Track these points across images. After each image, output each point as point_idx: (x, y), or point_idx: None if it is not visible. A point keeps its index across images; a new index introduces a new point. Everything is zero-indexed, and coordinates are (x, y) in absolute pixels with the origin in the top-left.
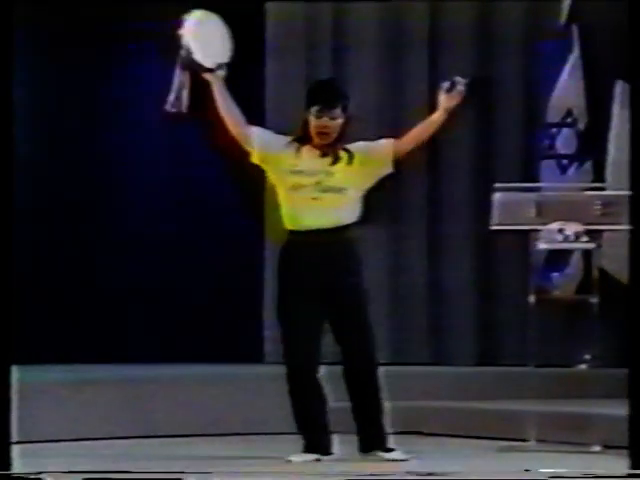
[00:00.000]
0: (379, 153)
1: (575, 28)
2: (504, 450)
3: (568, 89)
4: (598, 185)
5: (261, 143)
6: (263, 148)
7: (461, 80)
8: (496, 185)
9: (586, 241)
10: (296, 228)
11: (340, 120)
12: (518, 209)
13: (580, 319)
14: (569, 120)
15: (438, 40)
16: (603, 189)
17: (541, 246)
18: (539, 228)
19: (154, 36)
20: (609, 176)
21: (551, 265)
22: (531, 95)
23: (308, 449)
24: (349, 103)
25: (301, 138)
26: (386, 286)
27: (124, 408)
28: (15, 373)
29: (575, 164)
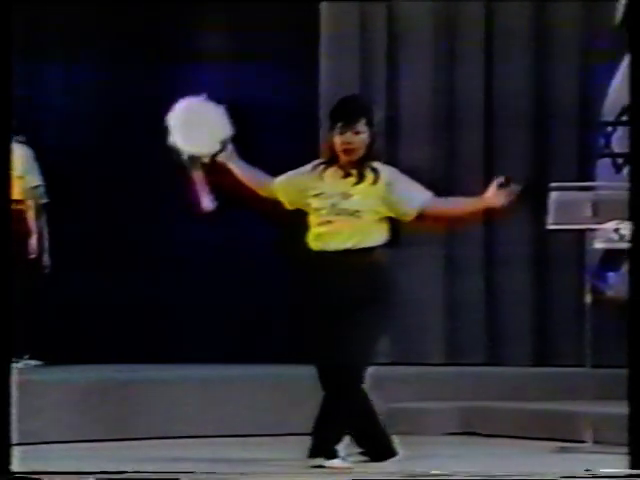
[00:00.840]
0: (405, 204)
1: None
2: (561, 451)
3: (623, 88)
4: None
5: (286, 193)
6: (289, 195)
7: (515, 187)
8: (552, 185)
9: None
10: (314, 248)
11: (364, 135)
12: (574, 209)
13: None
14: (624, 119)
15: (493, 42)
16: None
17: (597, 245)
18: (595, 227)
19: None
20: None
21: (607, 265)
22: (586, 95)
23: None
24: (374, 117)
25: (328, 160)
26: (442, 287)
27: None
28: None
29: None
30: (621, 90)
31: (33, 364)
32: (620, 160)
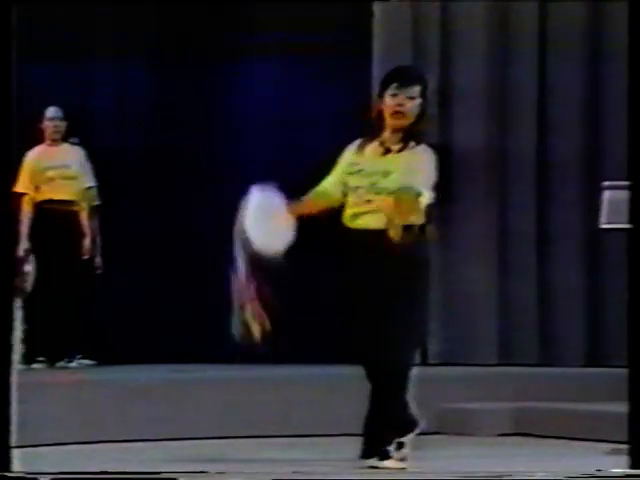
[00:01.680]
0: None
1: None
2: (614, 453)
3: None
4: None
5: (334, 188)
6: (339, 187)
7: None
8: (605, 183)
9: None
10: (351, 226)
11: (418, 101)
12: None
13: None
14: None
15: (547, 41)
16: None
17: None
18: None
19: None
20: None
21: None
22: None
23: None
24: (428, 88)
25: (371, 131)
26: (495, 287)
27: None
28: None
29: None
30: None
31: (86, 364)
32: None
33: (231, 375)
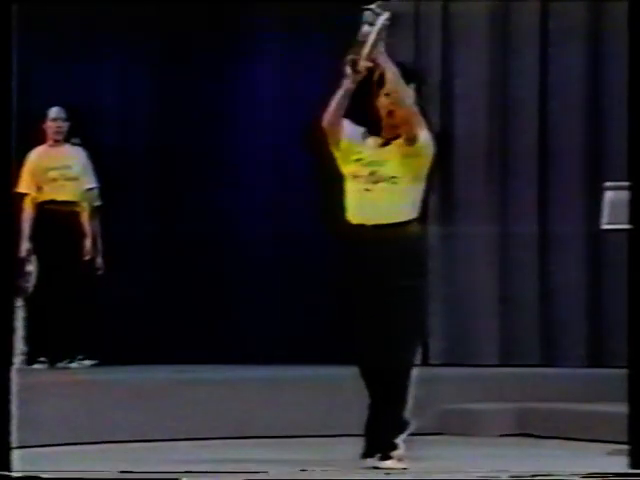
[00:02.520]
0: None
1: None
2: (616, 453)
3: None
4: None
5: (349, 136)
6: (349, 141)
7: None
8: (607, 184)
9: None
10: (352, 221)
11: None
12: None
13: None
14: None
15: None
16: None
17: None
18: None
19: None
20: None
21: None
22: None
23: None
24: (422, 85)
25: (371, 128)
26: (496, 287)
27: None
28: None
29: None
30: None
31: (87, 364)
32: None
33: (231, 376)
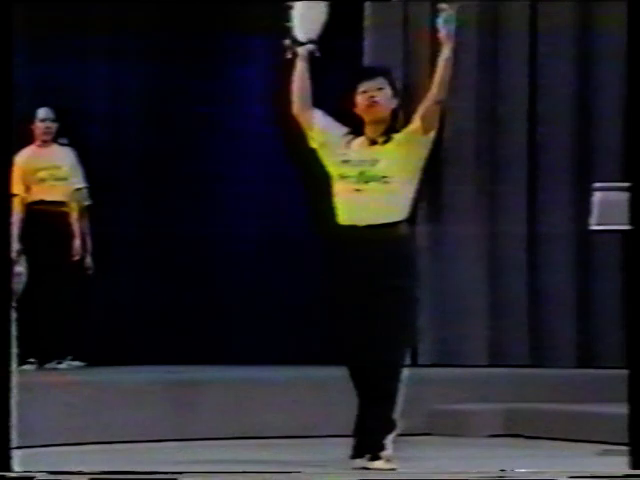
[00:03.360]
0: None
1: None
2: (604, 454)
3: None
4: None
5: (322, 125)
6: (324, 130)
7: (448, 13)
8: (596, 185)
9: None
10: (341, 222)
11: (387, 91)
12: (618, 209)
13: None
14: None
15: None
16: None
17: None
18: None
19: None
20: None
21: None
22: None
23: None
24: (394, 78)
25: (355, 129)
26: (485, 288)
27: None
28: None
29: None
30: None
31: (76, 365)
32: None
33: (220, 377)
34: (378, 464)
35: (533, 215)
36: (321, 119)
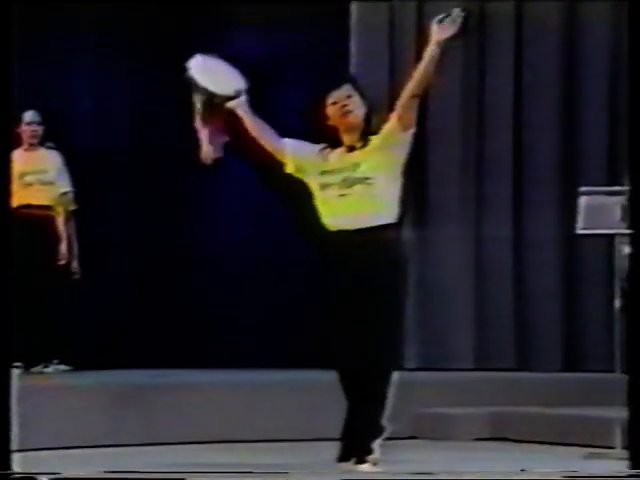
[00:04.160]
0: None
1: None
2: (591, 457)
3: None
4: None
5: (294, 153)
6: (296, 157)
7: (458, 12)
8: (582, 189)
9: None
10: (329, 228)
11: (356, 98)
12: (604, 213)
13: None
14: None
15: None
16: None
17: (627, 250)
18: (625, 232)
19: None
20: None
21: None
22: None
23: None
24: (359, 84)
25: (331, 142)
26: (471, 291)
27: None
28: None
29: None
30: None
31: (62, 369)
32: None
33: (208, 380)
34: (364, 467)
35: (519, 218)
36: (291, 146)
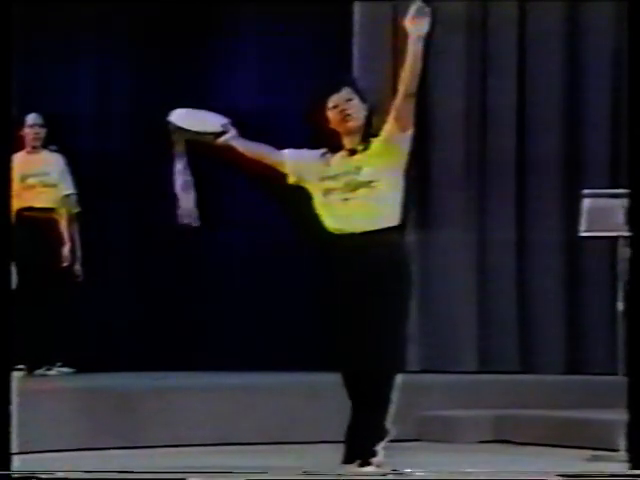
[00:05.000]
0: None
1: None
2: (593, 459)
3: None
4: None
5: (294, 162)
6: (297, 166)
7: (420, 4)
8: (585, 191)
9: None
10: (334, 232)
11: (356, 101)
12: (607, 215)
13: None
14: None
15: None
16: None
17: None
18: (628, 235)
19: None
20: None
21: None
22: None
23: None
24: (359, 86)
25: (332, 146)
26: (474, 294)
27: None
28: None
29: None
30: None
31: (65, 372)
32: None
33: (210, 383)
34: (369, 470)
35: (522, 221)
36: (291, 156)
